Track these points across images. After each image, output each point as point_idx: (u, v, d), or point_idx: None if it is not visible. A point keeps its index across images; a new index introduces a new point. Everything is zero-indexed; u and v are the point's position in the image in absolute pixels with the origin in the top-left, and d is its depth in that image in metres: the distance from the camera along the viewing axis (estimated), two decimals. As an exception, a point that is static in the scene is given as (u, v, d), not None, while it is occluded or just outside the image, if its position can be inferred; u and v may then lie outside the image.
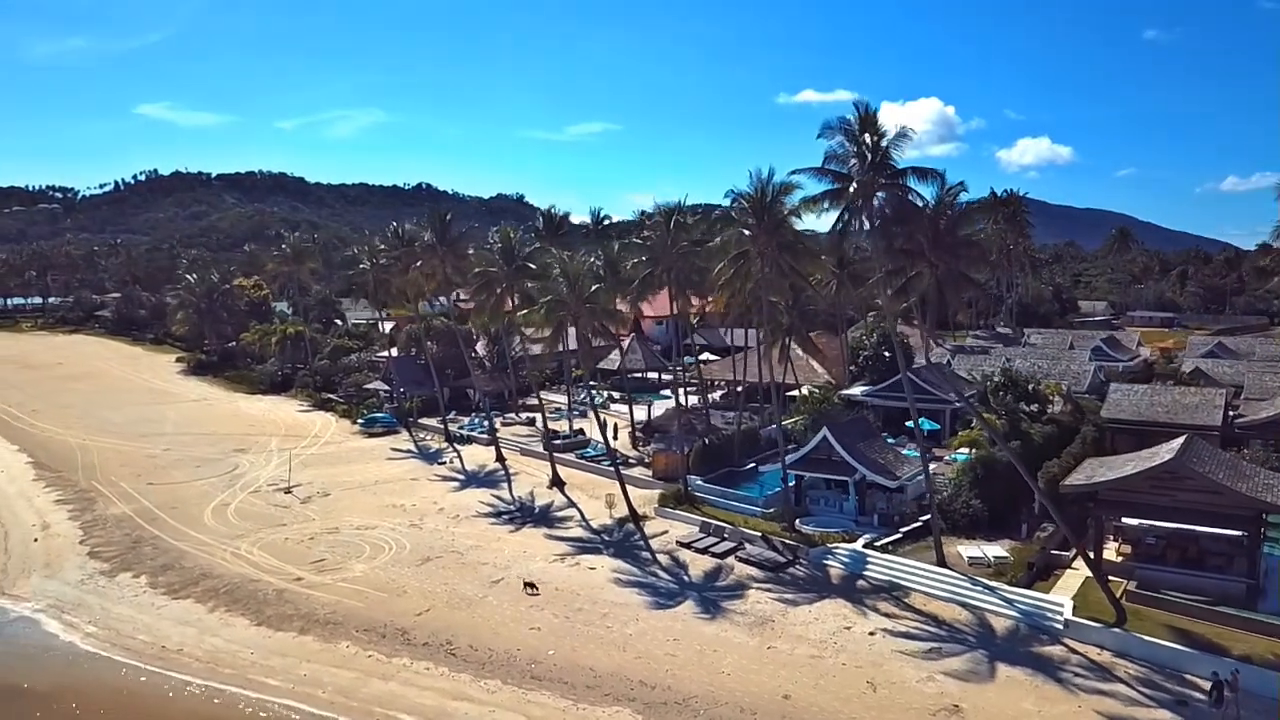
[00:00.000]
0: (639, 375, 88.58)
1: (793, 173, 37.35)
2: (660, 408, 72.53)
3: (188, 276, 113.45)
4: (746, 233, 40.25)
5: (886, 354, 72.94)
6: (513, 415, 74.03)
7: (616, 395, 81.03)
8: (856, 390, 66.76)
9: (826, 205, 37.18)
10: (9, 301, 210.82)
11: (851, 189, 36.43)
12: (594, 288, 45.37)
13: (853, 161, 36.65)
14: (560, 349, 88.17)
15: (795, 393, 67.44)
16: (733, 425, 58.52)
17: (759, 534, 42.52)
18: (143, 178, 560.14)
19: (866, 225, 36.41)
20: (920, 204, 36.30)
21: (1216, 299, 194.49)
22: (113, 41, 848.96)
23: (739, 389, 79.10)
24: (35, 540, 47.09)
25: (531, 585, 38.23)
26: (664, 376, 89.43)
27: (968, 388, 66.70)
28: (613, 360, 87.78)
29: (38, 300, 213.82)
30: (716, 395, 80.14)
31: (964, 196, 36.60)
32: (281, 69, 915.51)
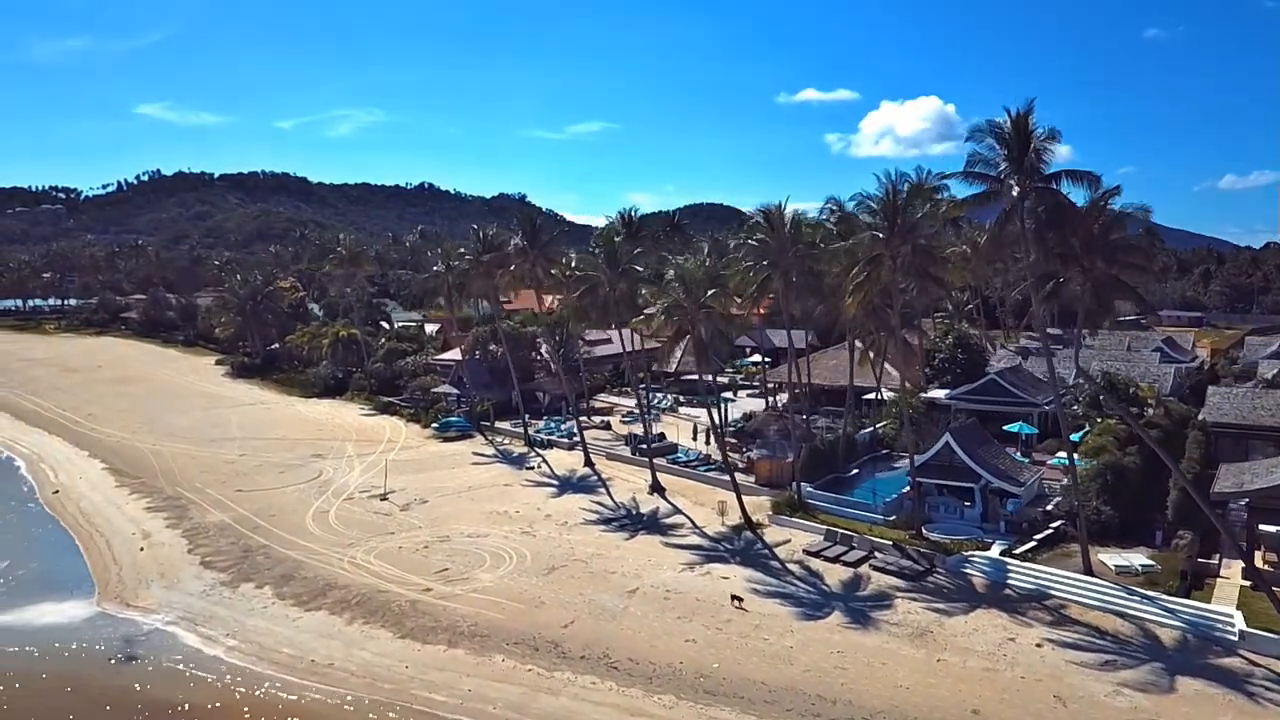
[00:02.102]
0: (693, 378, 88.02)
1: (943, 177, 36.81)
2: (734, 411, 71.79)
3: (234, 277, 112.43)
4: (880, 235, 39.61)
5: (961, 355, 72.65)
6: (584, 419, 73.20)
7: (682, 398, 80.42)
8: (938, 393, 66.17)
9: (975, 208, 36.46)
10: (27, 303, 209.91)
11: (1004, 192, 35.77)
12: (710, 291, 44.71)
13: (1003, 165, 36.03)
14: (627, 350, 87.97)
15: (870, 396, 66.97)
16: (826, 430, 57.88)
17: (890, 542, 41.90)
18: (145, 178, 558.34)
19: (1018, 228, 35.70)
20: (1074, 207, 35.66)
21: (1242, 297, 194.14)
22: (113, 42, 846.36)
23: (797, 391, 79.08)
24: (141, 549, 46.42)
25: (738, 598, 36.98)
26: (719, 379, 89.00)
27: (1047, 391, 66.26)
28: (669, 362, 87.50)
29: (56, 301, 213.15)
30: (783, 398, 79.43)
31: (1116, 201, 35.89)
32: (280, 69, 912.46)
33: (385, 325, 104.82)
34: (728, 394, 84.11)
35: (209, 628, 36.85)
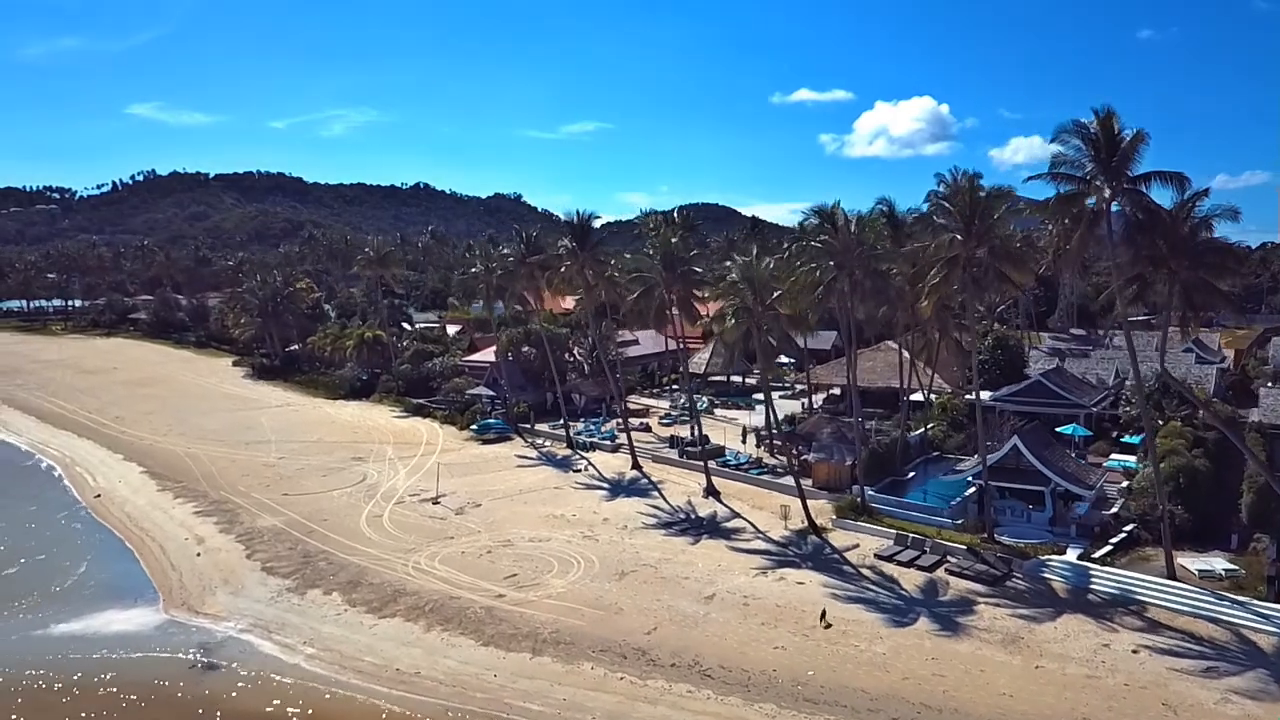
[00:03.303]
0: (722, 379, 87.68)
1: (1028, 179, 36.35)
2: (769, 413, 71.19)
3: (253, 278, 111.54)
4: (959, 237, 39.23)
5: (1000, 356, 72.41)
6: (620, 420, 72.73)
7: (718, 400, 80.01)
8: (982, 394, 65.67)
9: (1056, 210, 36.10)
10: (31, 304, 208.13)
11: (1091, 194, 35.42)
12: (776, 293, 44.28)
13: (1089, 166, 35.67)
14: (658, 350, 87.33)
15: (912, 398, 66.53)
16: (875, 433, 57.49)
17: (963, 546, 41.52)
18: (140, 178, 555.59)
19: (1104, 230, 35.36)
20: (1163, 209, 35.33)
21: (1250, 297, 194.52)
22: (104, 41, 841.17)
23: (834, 393, 78.87)
24: (198, 555, 45.79)
25: (824, 616, 35.64)
26: (748, 380, 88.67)
27: (1091, 392, 66.07)
28: (697, 364, 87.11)
29: (59, 302, 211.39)
30: (819, 399, 79.09)
31: (1204, 205, 35.56)
32: (272, 69, 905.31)
33: (406, 326, 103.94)
34: (759, 396, 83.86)
35: (284, 635, 36.27)
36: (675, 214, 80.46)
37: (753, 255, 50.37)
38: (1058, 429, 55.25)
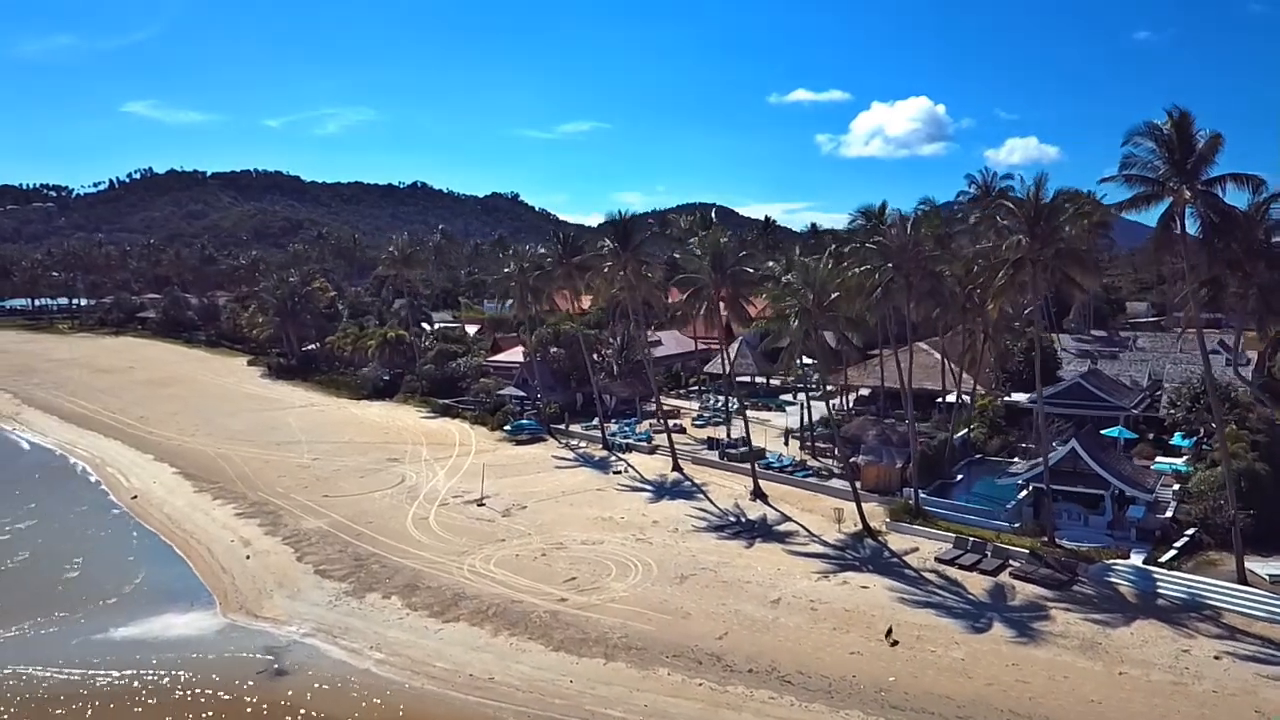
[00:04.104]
0: (747, 380, 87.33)
1: (1102, 180, 36.06)
2: (796, 416, 70.89)
3: (270, 277, 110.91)
4: (1023, 240, 38.92)
5: (1034, 358, 72.05)
6: (656, 421, 72.35)
7: (747, 401, 79.47)
8: (1020, 396, 65.58)
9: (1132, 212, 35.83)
10: (34, 302, 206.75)
11: (1165, 196, 35.15)
12: (833, 295, 43.96)
13: (1163, 168, 35.39)
14: (681, 351, 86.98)
15: (944, 399, 66.24)
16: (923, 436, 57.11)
17: (1025, 550, 41.23)
18: (137, 176, 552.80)
19: (1179, 232, 35.11)
20: (1239, 212, 35.10)
21: (1259, 300, 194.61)
22: (100, 39, 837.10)
23: (863, 394, 78.49)
24: (247, 558, 45.31)
25: (890, 633, 34.43)
26: (772, 381, 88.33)
27: (1129, 394, 65.83)
28: (719, 366, 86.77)
29: (64, 301, 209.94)
30: (846, 400, 78.72)
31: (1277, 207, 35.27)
32: (267, 67, 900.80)
33: (425, 326, 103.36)
34: (787, 397, 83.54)
35: (349, 640, 35.83)
36: (712, 214, 79.92)
37: (823, 257, 49.70)
38: (1102, 431, 54.96)
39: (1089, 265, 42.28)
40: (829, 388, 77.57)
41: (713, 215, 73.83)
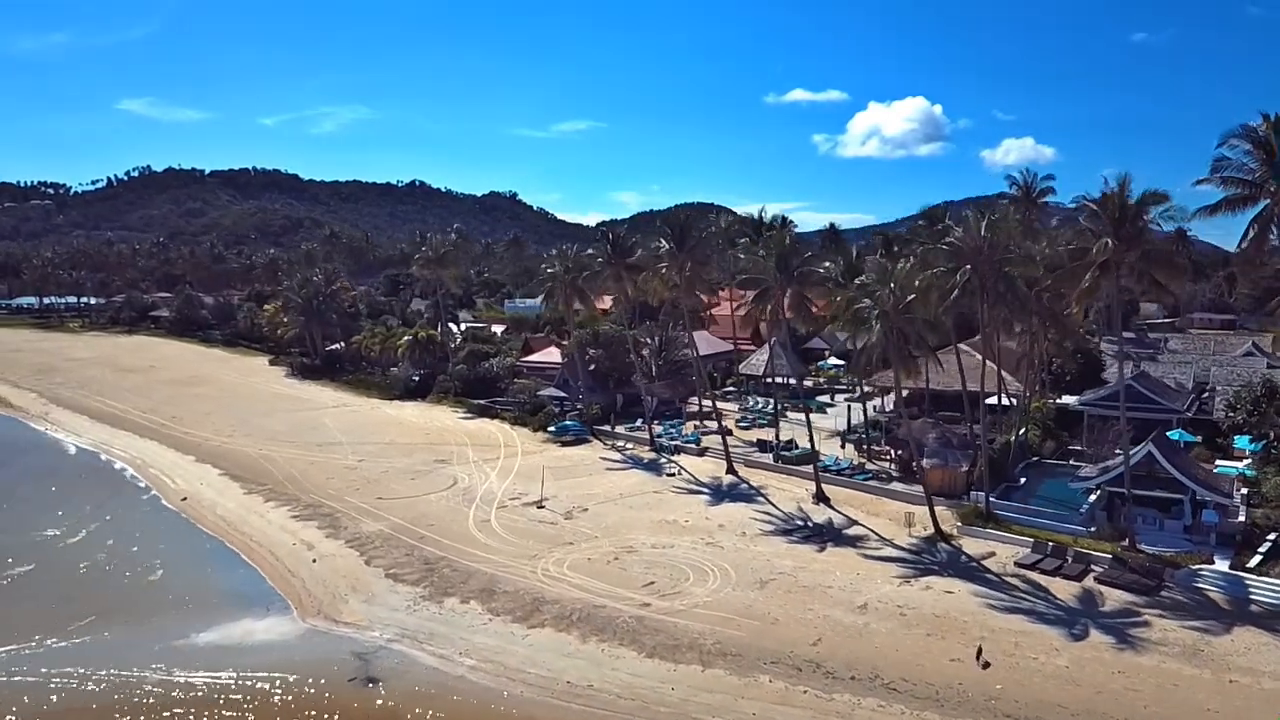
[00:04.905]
0: (781, 382, 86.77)
1: (1196, 183, 35.72)
2: (836, 417, 70.54)
3: (294, 277, 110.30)
4: (1110, 242, 38.49)
5: (1079, 359, 71.84)
6: (699, 423, 71.93)
7: (787, 403, 79.07)
8: (1069, 399, 65.27)
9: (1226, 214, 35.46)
10: (43, 300, 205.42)
11: (1262, 198, 34.80)
12: (909, 297, 43.53)
13: (1258, 170, 35.03)
14: (712, 351, 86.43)
15: (988, 401, 65.77)
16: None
17: (1108, 555, 40.84)
18: (135, 174, 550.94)
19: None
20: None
21: (1269, 299, 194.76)
22: (95, 37, 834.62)
23: (903, 395, 77.90)
24: (314, 561, 44.74)
25: (980, 655, 32.91)
26: (805, 382, 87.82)
27: (1180, 397, 65.51)
28: (754, 366, 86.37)
29: (72, 299, 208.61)
30: (882, 402, 78.29)
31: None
32: (262, 65, 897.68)
33: (453, 327, 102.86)
34: (824, 398, 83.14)
35: (436, 645, 35.28)
36: (765, 214, 79.48)
37: (903, 261, 49.15)
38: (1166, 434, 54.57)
39: (1177, 268, 41.89)
40: (866, 389, 77.49)
41: (781, 216, 72.99)
